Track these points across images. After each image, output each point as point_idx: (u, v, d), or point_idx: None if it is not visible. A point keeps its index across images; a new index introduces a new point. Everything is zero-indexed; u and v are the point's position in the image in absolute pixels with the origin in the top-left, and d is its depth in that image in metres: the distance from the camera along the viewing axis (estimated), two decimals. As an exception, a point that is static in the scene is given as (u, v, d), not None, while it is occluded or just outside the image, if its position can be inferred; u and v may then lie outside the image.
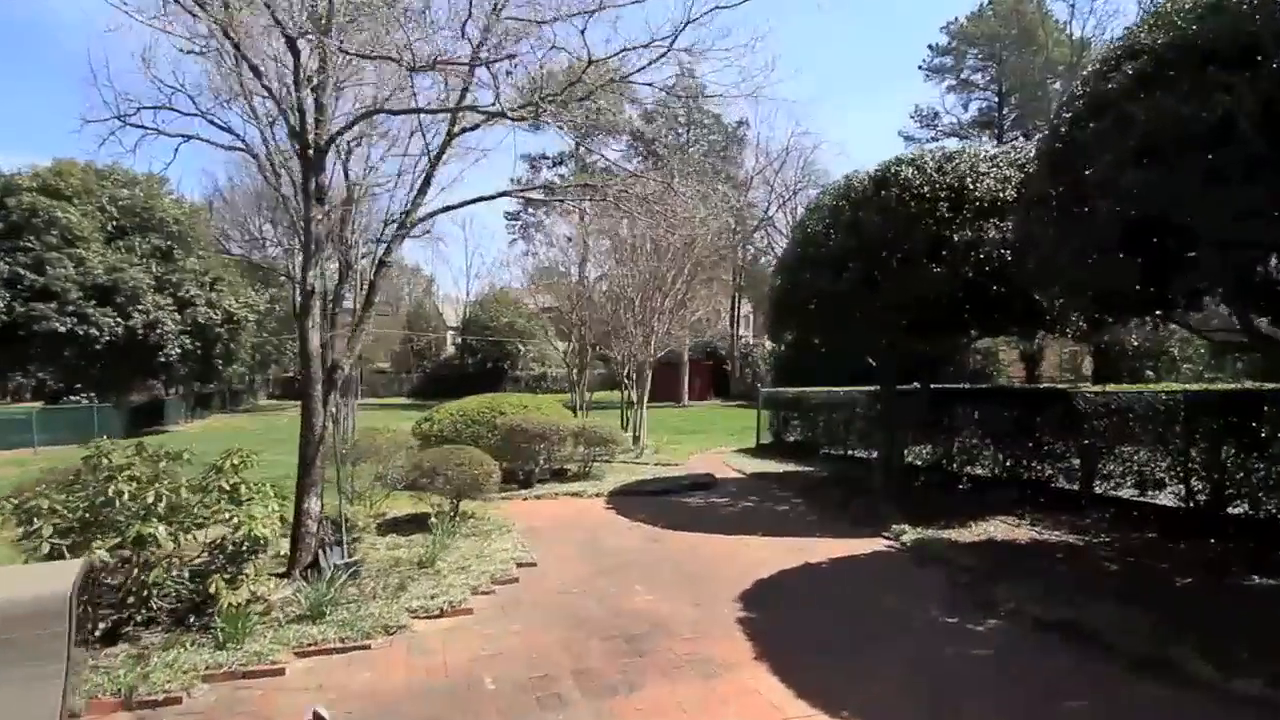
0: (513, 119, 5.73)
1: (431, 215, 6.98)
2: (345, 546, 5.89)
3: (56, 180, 25.38)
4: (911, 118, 47.38)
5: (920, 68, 46.69)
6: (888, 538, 7.06)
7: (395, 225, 6.68)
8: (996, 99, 45.10)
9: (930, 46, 46.17)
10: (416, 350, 52.78)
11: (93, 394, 24.82)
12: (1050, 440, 9.03)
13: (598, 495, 10.05)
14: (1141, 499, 7.77)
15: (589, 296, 17.18)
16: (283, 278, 42.65)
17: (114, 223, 26.08)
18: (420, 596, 5.20)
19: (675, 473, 12.20)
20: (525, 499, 9.91)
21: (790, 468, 12.58)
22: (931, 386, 10.43)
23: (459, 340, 49.82)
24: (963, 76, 45.65)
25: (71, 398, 24.89)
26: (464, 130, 6.50)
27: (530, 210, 44.67)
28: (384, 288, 64.02)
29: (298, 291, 6.60)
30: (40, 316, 23.06)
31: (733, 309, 41.77)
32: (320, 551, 5.76)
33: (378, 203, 8.28)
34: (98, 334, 23.86)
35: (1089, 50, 35.23)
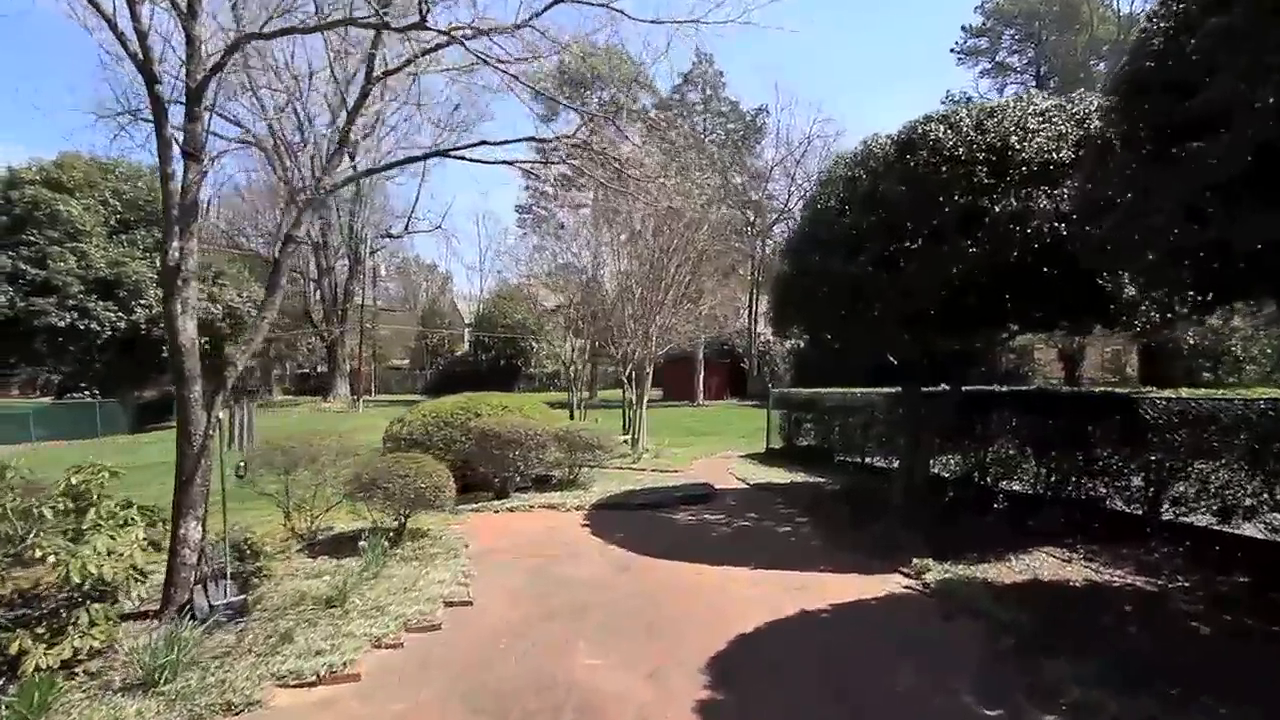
0: (399, 30, 4.57)
1: (352, 180, 5.86)
2: (229, 581, 4.81)
3: (59, 174, 25.06)
4: (942, 103, 45.25)
5: (953, 50, 44.64)
6: (907, 574, 5.77)
7: (306, 197, 5.54)
8: (1034, 82, 42.80)
9: (964, 28, 44.10)
10: (430, 347, 52.24)
11: (95, 389, 24.46)
12: (1107, 454, 7.61)
13: (578, 508, 8.90)
14: (1224, 529, 6.36)
15: (588, 288, 16.03)
16: (292, 271, 42.47)
17: (117, 216, 25.68)
18: (303, 653, 4.09)
19: (671, 481, 11.00)
20: (496, 511, 8.81)
21: (799, 477, 11.28)
22: (963, 388, 9.05)
23: (472, 337, 49.13)
24: (998, 59, 43.51)
25: (77, 394, 24.56)
26: (387, 74, 5.37)
27: (542, 205, 43.73)
28: (402, 283, 63.62)
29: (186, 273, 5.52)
30: (40, 311, 22.72)
31: (750, 305, 40.29)
32: (202, 587, 4.70)
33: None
34: (99, 329, 23.45)
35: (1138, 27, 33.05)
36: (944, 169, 6.57)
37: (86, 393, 24.16)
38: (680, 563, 6.26)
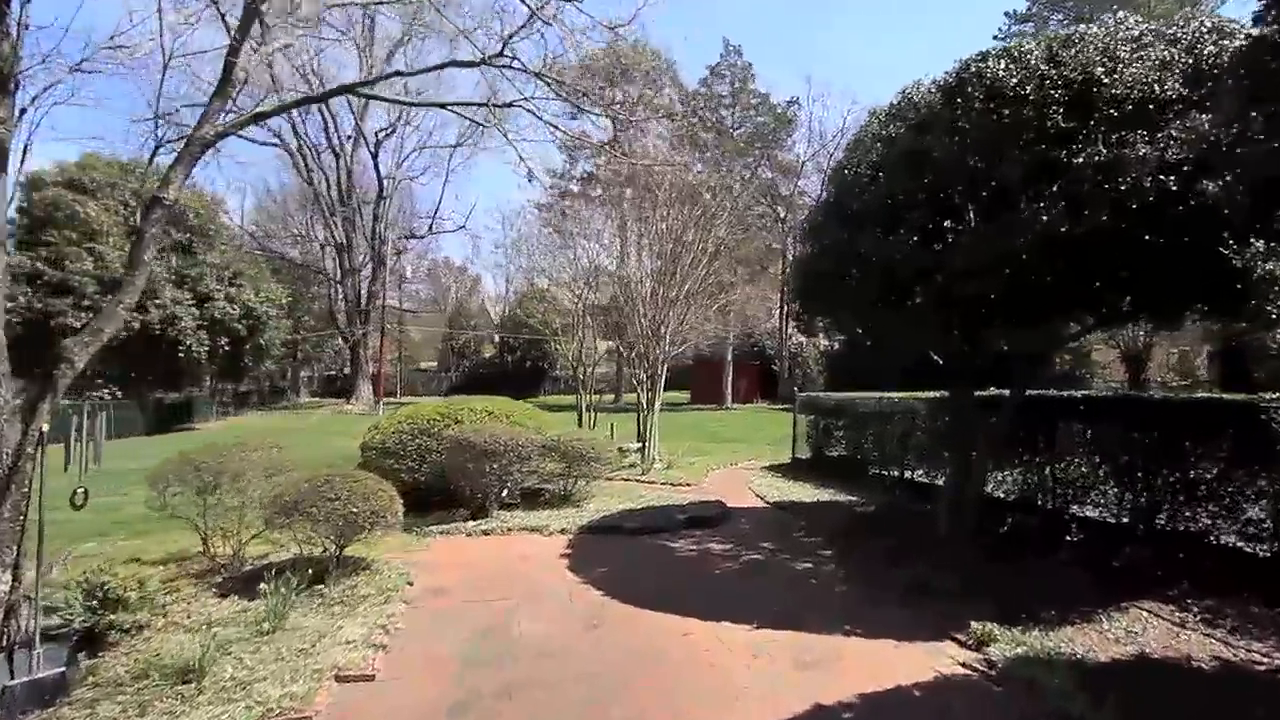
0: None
1: (235, 129, 4.72)
2: (38, 650, 3.67)
3: (80, 175, 25.05)
4: (996, 38, 42.66)
5: (995, 38, 42.10)
6: (963, 643, 4.34)
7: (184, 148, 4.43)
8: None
9: (1007, 14, 41.63)
10: (456, 349, 51.85)
11: (115, 391, 24.28)
12: (1213, 475, 6.04)
13: (562, 532, 7.65)
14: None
15: (612, 287, 14.72)
16: (317, 274, 42.52)
17: (136, 216, 25.52)
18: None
19: (680, 497, 9.66)
20: (469, 535, 7.63)
21: (826, 495, 9.83)
22: (1027, 393, 7.51)
23: (497, 339, 48.57)
24: (1046, 44, 40.81)
25: (97, 395, 24.42)
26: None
27: (568, 201, 42.78)
28: (431, 286, 63.59)
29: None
30: (56, 312, 22.59)
31: (781, 305, 38.57)
32: (7, 658, 3.59)
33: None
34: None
35: (1201, 4, 30.35)
36: (1006, 114, 5.13)
37: (101, 394, 23.96)
38: (666, 615, 4.94)
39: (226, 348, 27.67)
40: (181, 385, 30.46)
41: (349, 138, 37.34)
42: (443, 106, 6.40)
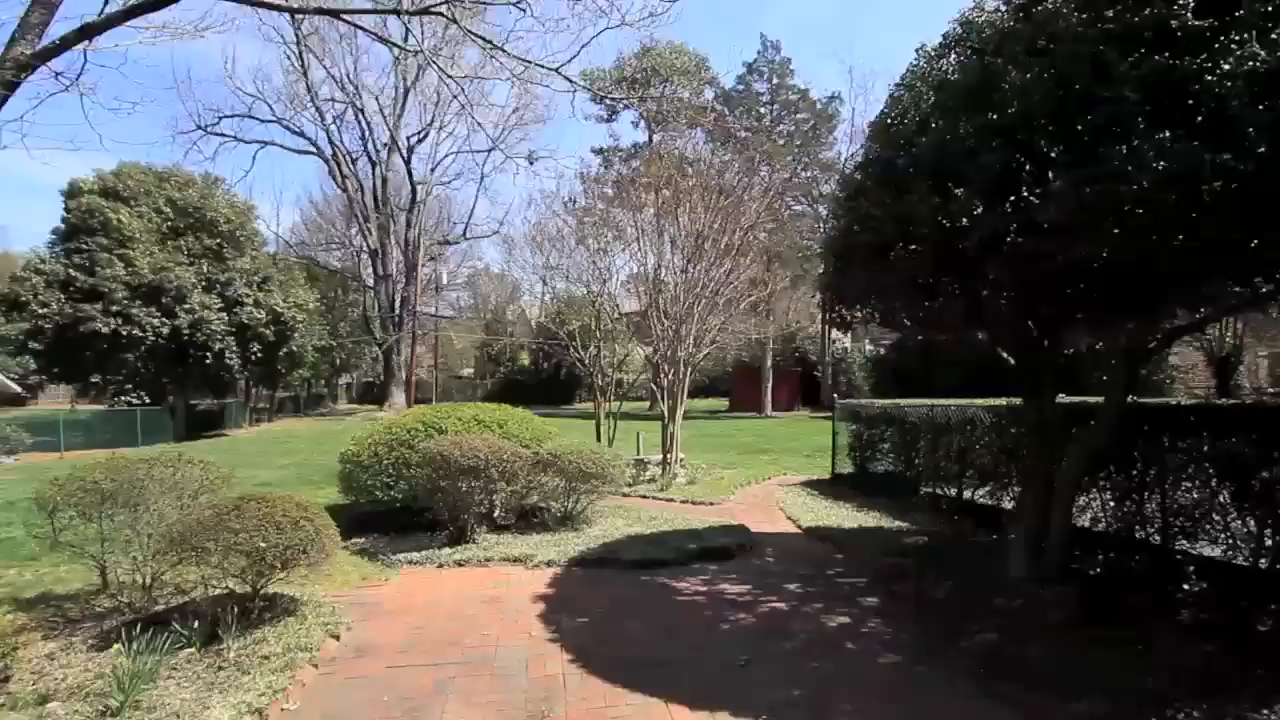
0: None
1: (61, 50, 3.69)
2: None
3: (116, 182, 25.36)
4: None
5: None
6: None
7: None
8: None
9: None
10: (492, 356, 51.55)
11: (143, 396, 24.38)
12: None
13: (548, 564, 6.46)
14: None
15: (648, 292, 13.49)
16: (352, 280, 42.76)
17: (168, 223, 25.73)
18: None
19: (698, 519, 8.36)
20: (440, 565, 6.52)
21: (870, 519, 8.38)
22: (1129, 401, 5.96)
23: (533, 346, 47.96)
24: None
25: (125, 400, 24.60)
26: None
27: (601, 204, 41.92)
28: (471, 293, 63.75)
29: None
30: (86, 318, 22.77)
31: (823, 309, 36.69)
32: None
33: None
34: (141, 334, 23.31)
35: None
36: (1110, 16, 3.75)
37: (133, 399, 24.08)
38: (645, 697, 3.68)
39: (259, 353, 27.63)
40: (220, 392, 30.67)
41: (385, 145, 37.43)
42: (336, 15, 5.34)
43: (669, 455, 11.70)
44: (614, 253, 12.85)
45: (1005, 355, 5.82)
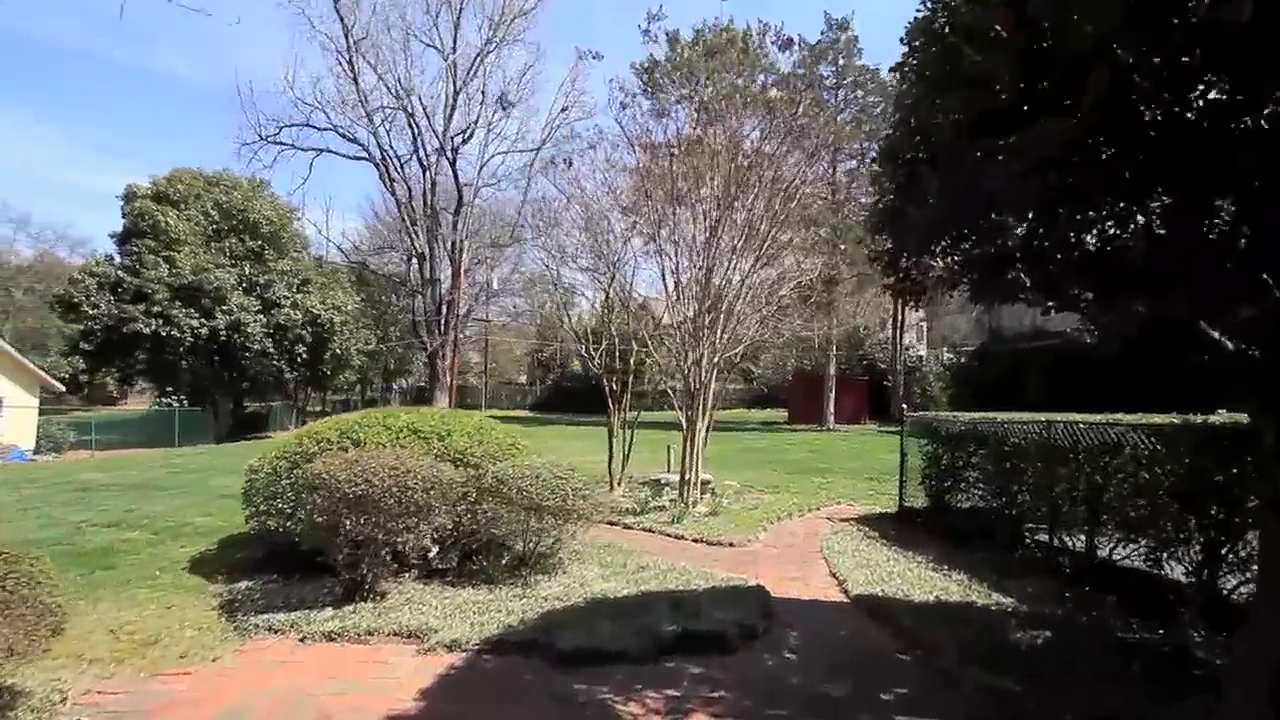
0: None
1: None
2: None
3: (168, 187, 25.52)
4: None
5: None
6: None
7: None
8: None
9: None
10: (542, 362, 50.43)
11: (182, 397, 24.21)
12: None
13: (451, 647, 4.32)
14: None
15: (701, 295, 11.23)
16: (400, 285, 42.53)
17: (214, 226, 25.65)
18: None
19: (704, 570, 6.02)
20: (303, 638, 4.52)
21: (954, 585, 5.78)
22: None
23: (580, 352, 46.53)
24: None
25: (167, 401, 24.52)
26: None
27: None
28: (529, 299, 63.47)
29: None
30: (130, 318, 22.73)
31: (895, 312, 33.19)
32: None
33: None
34: (180, 335, 23.07)
35: None
36: None
37: (172, 401, 23.91)
38: None
39: (304, 356, 27.19)
40: (266, 394, 30.58)
41: (435, 150, 36.96)
42: None
43: (688, 476, 9.38)
44: (625, 230, 10.66)
45: (1220, 339, 3.19)
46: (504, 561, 6.11)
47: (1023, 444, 6.91)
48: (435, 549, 6.18)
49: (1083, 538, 6.20)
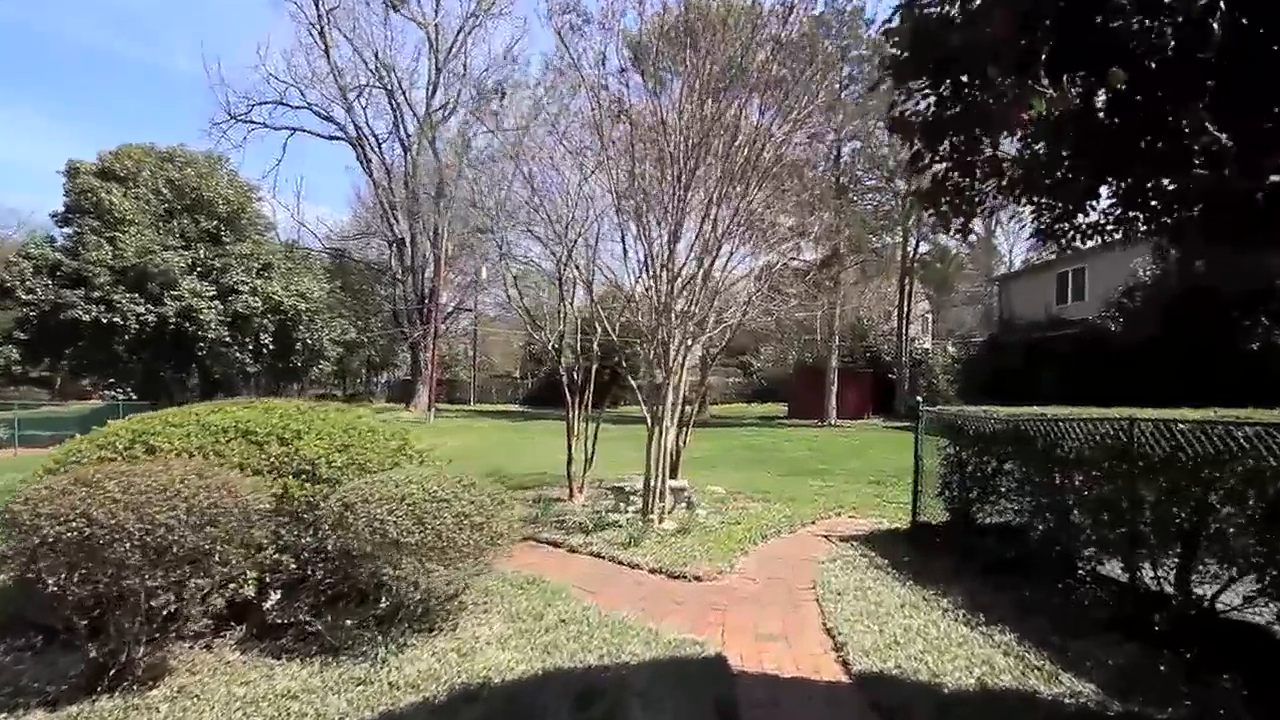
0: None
1: None
2: None
3: (114, 162, 23.67)
4: None
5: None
6: None
7: None
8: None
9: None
10: (533, 355, 48.65)
11: (128, 390, 22.47)
12: None
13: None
14: None
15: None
16: (381, 273, 40.69)
17: (165, 205, 23.82)
18: None
19: (639, 636, 4.29)
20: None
21: (998, 653, 4.02)
22: None
23: (570, 344, 44.71)
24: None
25: (111, 394, 22.77)
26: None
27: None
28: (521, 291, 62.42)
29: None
30: (67, 304, 20.95)
31: (900, 302, 31.39)
32: None
33: None
34: (122, 323, 21.29)
35: None
36: None
37: (118, 393, 22.17)
38: None
39: (270, 347, 25.43)
40: (230, 388, 28.81)
41: (415, 130, 35.07)
42: None
43: (654, 484, 7.63)
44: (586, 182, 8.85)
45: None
46: (375, 613, 4.38)
47: (1084, 449, 5.15)
48: (276, 594, 4.47)
49: (1164, 579, 4.47)
